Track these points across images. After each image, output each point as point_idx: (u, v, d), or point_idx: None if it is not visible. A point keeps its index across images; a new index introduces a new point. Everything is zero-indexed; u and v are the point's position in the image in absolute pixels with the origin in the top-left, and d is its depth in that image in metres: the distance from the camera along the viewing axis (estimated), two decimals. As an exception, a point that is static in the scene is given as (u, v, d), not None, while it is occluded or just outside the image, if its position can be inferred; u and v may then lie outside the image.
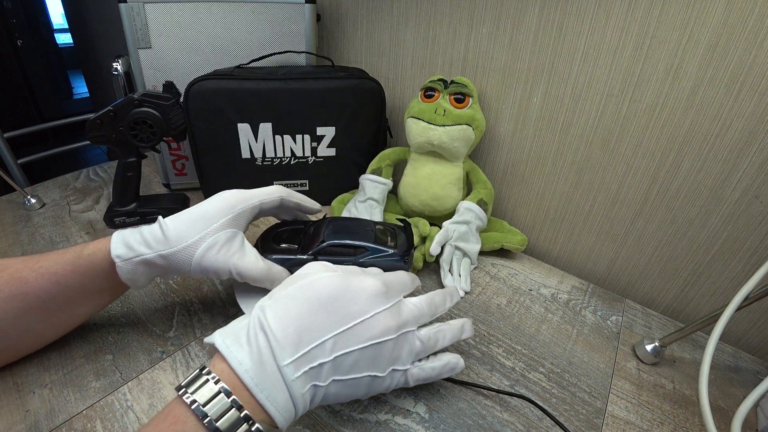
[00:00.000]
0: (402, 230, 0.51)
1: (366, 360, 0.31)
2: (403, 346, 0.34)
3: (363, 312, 0.32)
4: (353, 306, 0.31)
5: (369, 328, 0.31)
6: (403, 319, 0.34)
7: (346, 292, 0.32)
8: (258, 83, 0.61)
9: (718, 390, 0.46)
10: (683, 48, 0.47)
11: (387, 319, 0.32)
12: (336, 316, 0.30)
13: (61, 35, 2.66)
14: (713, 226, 0.52)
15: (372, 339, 0.31)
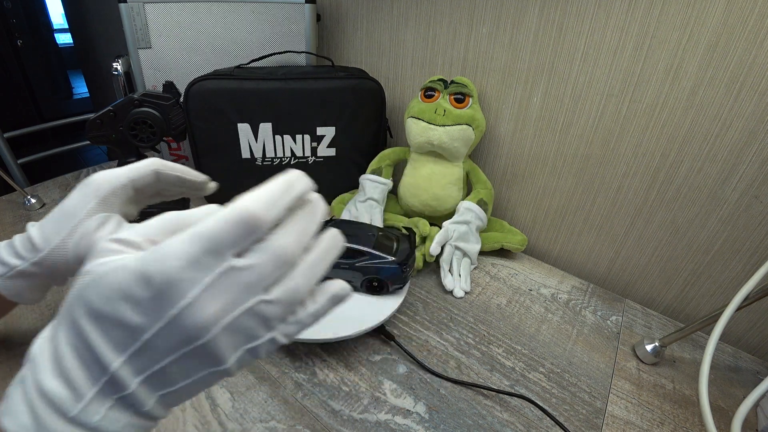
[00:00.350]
0: (406, 238, 0.51)
1: (195, 361, 0.21)
2: (246, 326, 0.21)
3: (171, 302, 0.20)
4: (160, 299, 0.20)
5: (186, 326, 0.20)
6: (236, 294, 0.20)
7: (141, 281, 0.19)
8: (258, 83, 0.61)
9: (718, 390, 0.46)
10: (683, 48, 0.47)
11: (211, 302, 0.20)
12: (135, 320, 0.20)
13: (61, 35, 2.66)
14: (713, 226, 0.52)
15: (192, 340, 0.20)
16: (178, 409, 0.38)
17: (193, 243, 0.20)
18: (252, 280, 0.20)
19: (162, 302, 0.19)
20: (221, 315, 0.20)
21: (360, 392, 0.41)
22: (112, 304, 0.20)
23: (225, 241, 0.20)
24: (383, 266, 0.46)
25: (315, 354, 0.45)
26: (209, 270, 0.20)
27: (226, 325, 0.20)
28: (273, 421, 0.37)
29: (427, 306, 0.53)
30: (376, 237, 0.49)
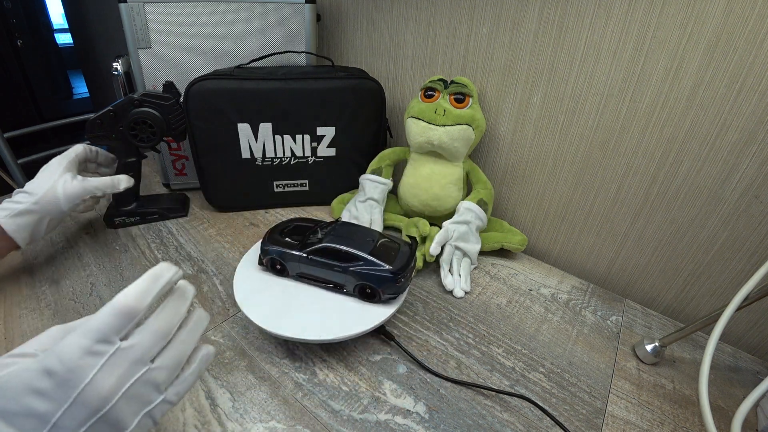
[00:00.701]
0: (407, 248, 0.49)
1: (102, 430, 0.24)
2: (141, 392, 0.26)
3: (74, 384, 0.23)
4: (64, 384, 0.23)
5: (89, 400, 0.24)
6: (126, 368, 0.25)
7: (44, 374, 0.23)
8: (258, 83, 0.61)
9: (718, 390, 0.46)
10: (683, 48, 0.47)
11: (108, 378, 0.24)
12: (42, 407, 0.23)
13: (61, 35, 2.65)
14: (713, 226, 0.52)
15: (97, 411, 0.24)
16: (178, 409, 0.38)
17: (85, 336, 0.24)
18: (138, 356, 0.26)
19: (66, 387, 0.23)
20: (118, 386, 0.25)
21: (360, 392, 0.41)
22: (19, 401, 0.23)
23: (110, 330, 0.25)
24: (377, 273, 0.45)
25: (315, 354, 0.45)
26: (102, 354, 0.24)
27: (123, 393, 0.25)
28: (273, 421, 0.38)
29: (427, 306, 0.53)
30: (375, 243, 0.48)
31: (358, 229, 0.51)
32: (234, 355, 0.44)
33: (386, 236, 0.51)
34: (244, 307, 0.44)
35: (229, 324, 0.48)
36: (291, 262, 0.48)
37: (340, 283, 0.47)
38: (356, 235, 0.49)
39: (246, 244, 0.62)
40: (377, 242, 0.48)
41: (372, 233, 0.50)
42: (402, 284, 0.46)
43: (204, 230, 0.66)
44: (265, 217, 0.70)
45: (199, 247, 0.61)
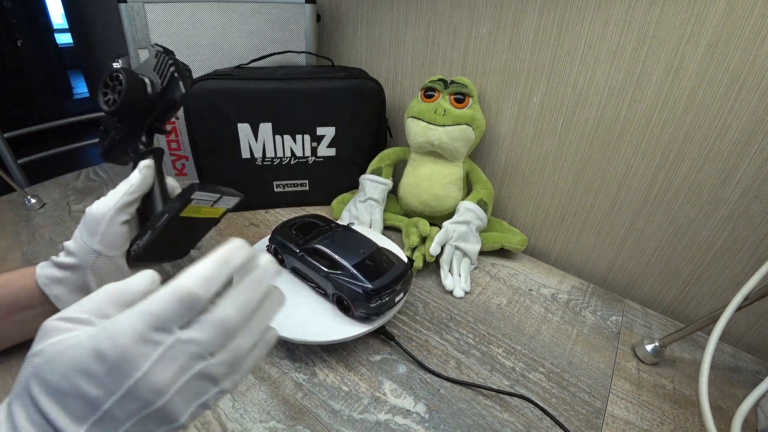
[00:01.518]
0: (401, 269, 0.46)
1: (151, 423, 0.22)
2: (196, 385, 0.24)
3: (127, 374, 0.21)
4: (116, 372, 0.21)
5: (142, 394, 0.22)
6: (184, 362, 0.23)
7: (96, 357, 0.21)
8: (258, 83, 0.61)
9: (718, 390, 0.46)
10: (683, 48, 0.47)
11: (163, 371, 0.22)
12: (93, 392, 0.21)
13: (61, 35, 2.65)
14: (713, 226, 0.52)
15: (149, 405, 0.22)
16: (178, 409, 0.38)
17: (142, 321, 0.22)
18: (197, 351, 0.23)
19: (118, 375, 0.21)
20: (173, 381, 0.22)
21: (360, 392, 0.41)
22: (70, 380, 0.21)
23: (169, 318, 0.22)
24: (352, 288, 0.43)
25: (315, 354, 0.45)
26: (158, 344, 0.22)
27: (178, 389, 0.22)
28: (273, 421, 0.38)
29: (427, 306, 0.53)
30: (366, 256, 0.46)
31: (357, 238, 0.49)
32: (234, 355, 0.44)
33: (386, 252, 0.48)
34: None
35: (229, 324, 0.48)
36: (288, 256, 0.49)
37: (322, 287, 0.47)
38: (352, 243, 0.48)
39: (246, 244, 0.62)
40: (369, 255, 0.46)
41: (369, 245, 0.48)
42: (378, 306, 0.43)
43: (204, 230, 0.66)
44: (265, 217, 0.70)
45: (199, 247, 0.61)
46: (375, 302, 0.43)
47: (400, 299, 0.46)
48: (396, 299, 0.45)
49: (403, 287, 0.46)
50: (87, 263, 0.38)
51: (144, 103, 0.43)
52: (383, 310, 0.44)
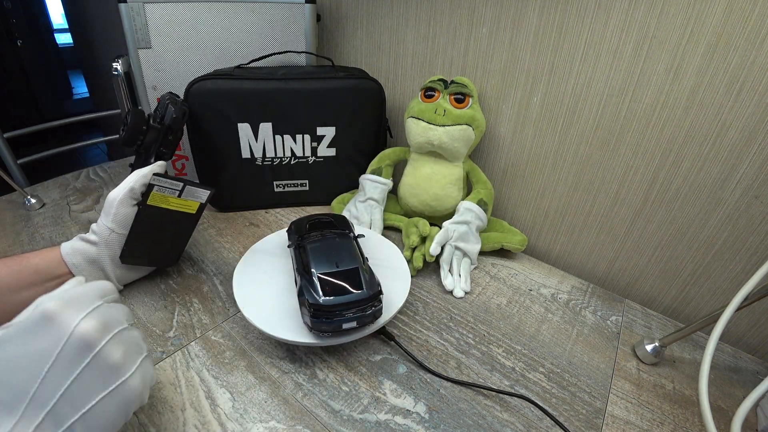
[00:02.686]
0: (365, 295, 0.41)
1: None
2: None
3: None
4: None
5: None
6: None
7: None
8: (258, 83, 0.61)
9: (718, 390, 0.46)
10: (683, 48, 0.47)
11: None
12: None
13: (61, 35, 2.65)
14: (713, 226, 0.52)
15: (83, 353, 0.29)
16: (178, 409, 0.38)
17: None
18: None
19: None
20: None
21: (360, 392, 0.41)
22: (20, 345, 0.28)
23: None
24: (305, 295, 0.41)
25: (315, 354, 0.45)
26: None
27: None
28: (273, 421, 0.38)
29: (427, 306, 0.53)
30: (339, 270, 0.43)
31: (347, 250, 0.46)
32: (234, 355, 0.44)
33: (368, 271, 0.44)
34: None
35: (229, 324, 0.48)
36: (288, 248, 0.51)
37: (297, 282, 0.46)
38: (338, 253, 0.45)
39: (246, 244, 0.62)
40: (343, 271, 0.43)
41: (352, 261, 0.44)
42: (319, 323, 0.40)
43: (204, 230, 0.66)
44: (265, 217, 0.70)
45: (199, 247, 0.61)
46: (318, 318, 0.40)
47: (350, 327, 0.41)
48: (344, 325, 0.40)
49: (358, 316, 0.40)
50: (102, 239, 0.47)
51: (148, 131, 0.53)
52: (325, 330, 0.40)
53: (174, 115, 0.54)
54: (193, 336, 0.46)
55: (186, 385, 0.40)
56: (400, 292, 0.48)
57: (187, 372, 0.42)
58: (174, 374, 0.41)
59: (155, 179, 0.46)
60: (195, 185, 0.49)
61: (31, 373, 0.27)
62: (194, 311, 0.49)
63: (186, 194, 0.49)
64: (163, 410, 0.38)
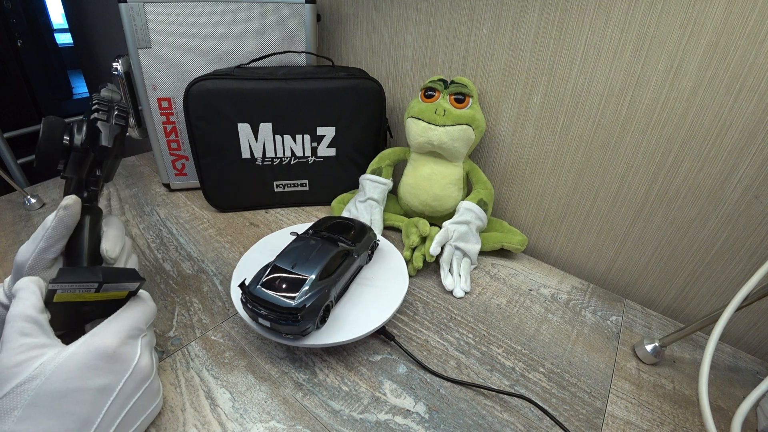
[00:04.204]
0: (289, 305, 0.39)
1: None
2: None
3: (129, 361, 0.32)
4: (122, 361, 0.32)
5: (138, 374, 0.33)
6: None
7: (97, 357, 0.30)
8: (258, 83, 0.61)
9: (718, 390, 0.46)
10: (683, 48, 0.47)
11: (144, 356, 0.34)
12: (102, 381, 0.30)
13: (61, 35, 2.65)
14: (713, 226, 0.52)
15: (141, 386, 0.33)
16: (178, 409, 0.38)
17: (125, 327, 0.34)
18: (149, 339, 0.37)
19: (122, 362, 0.32)
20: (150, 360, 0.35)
21: (360, 392, 0.41)
22: (77, 380, 0.29)
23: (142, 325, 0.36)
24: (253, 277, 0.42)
25: (315, 354, 0.45)
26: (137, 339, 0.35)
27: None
28: (273, 421, 0.38)
29: (427, 306, 0.53)
30: (287, 269, 0.42)
31: (316, 255, 0.44)
32: (234, 355, 0.44)
33: (318, 287, 0.42)
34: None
35: (229, 324, 0.48)
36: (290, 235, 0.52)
37: None
38: (304, 255, 0.44)
39: (246, 244, 0.62)
40: (293, 272, 0.42)
41: (310, 268, 0.42)
42: (244, 304, 0.40)
43: (204, 230, 0.66)
44: (265, 217, 0.70)
45: (199, 247, 0.61)
46: (245, 299, 0.41)
47: (265, 324, 0.40)
48: (259, 319, 0.40)
49: (272, 319, 0.39)
50: None
51: (71, 154, 0.37)
52: (248, 312, 0.41)
53: (104, 143, 0.36)
54: (193, 336, 0.46)
55: (186, 385, 0.40)
56: (399, 292, 0.48)
57: (187, 372, 0.42)
58: (174, 374, 0.41)
59: (55, 285, 0.31)
60: (119, 279, 0.34)
61: (96, 406, 0.29)
62: (194, 311, 0.49)
63: (106, 289, 0.33)
64: (163, 410, 0.38)
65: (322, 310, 0.41)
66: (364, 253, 0.51)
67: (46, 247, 0.35)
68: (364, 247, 0.50)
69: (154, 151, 0.73)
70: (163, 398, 0.37)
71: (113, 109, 0.38)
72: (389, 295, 0.48)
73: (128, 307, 0.35)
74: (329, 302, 0.43)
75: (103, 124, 0.37)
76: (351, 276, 0.48)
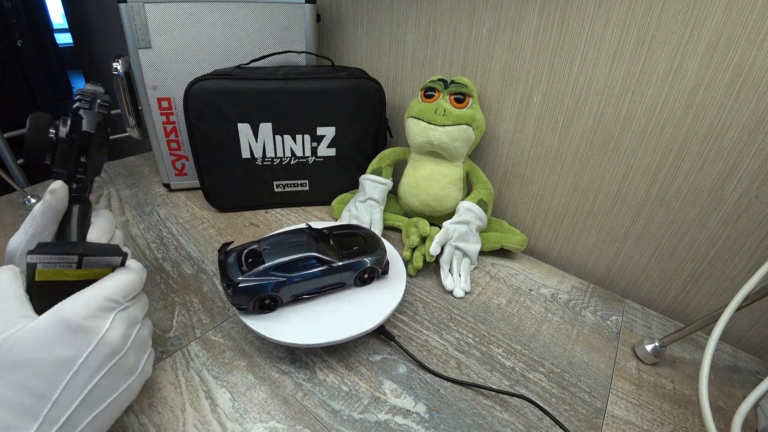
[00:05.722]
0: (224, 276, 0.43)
1: (111, 381, 0.30)
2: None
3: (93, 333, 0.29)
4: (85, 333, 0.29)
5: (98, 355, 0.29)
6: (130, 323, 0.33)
7: (61, 328, 0.28)
8: (258, 83, 0.61)
9: (718, 390, 0.46)
10: (683, 48, 0.47)
11: (116, 331, 0.31)
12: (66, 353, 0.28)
13: (61, 35, 2.66)
14: (713, 226, 0.52)
15: (107, 361, 0.30)
16: (178, 410, 0.38)
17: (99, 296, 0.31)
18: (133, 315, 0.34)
19: (86, 334, 0.29)
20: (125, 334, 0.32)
21: (360, 392, 0.41)
22: (38, 351, 0.27)
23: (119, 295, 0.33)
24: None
25: (315, 354, 0.45)
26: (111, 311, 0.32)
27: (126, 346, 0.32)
28: (273, 421, 0.38)
29: (427, 306, 0.53)
30: (253, 248, 0.46)
31: (294, 243, 0.46)
32: (234, 355, 0.44)
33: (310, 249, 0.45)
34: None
35: (229, 324, 0.48)
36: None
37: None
38: (284, 244, 0.46)
39: (246, 244, 0.62)
40: (258, 253, 0.45)
41: (279, 255, 0.44)
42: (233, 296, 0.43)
43: (204, 230, 0.66)
44: (265, 217, 0.70)
45: (199, 247, 0.61)
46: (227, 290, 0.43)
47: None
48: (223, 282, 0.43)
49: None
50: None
51: (57, 147, 0.37)
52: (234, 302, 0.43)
53: (86, 128, 0.37)
54: (193, 336, 0.46)
55: (186, 385, 0.40)
56: (397, 292, 0.48)
57: (187, 372, 0.42)
58: (174, 374, 0.41)
59: (33, 257, 0.31)
60: (98, 252, 0.33)
61: (54, 380, 0.27)
62: (194, 311, 0.49)
63: (88, 264, 0.33)
64: (163, 410, 0.38)
65: (261, 299, 0.43)
66: (350, 274, 0.47)
67: (36, 233, 0.34)
68: (350, 269, 0.47)
69: (154, 151, 0.73)
70: (142, 379, 0.33)
71: (95, 100, 0.38)
72: (387, 295, 0.48)
73: (107, 278, 0.33)
74: (275, 295, 0.43)
75: (85, 112, 0.37)
76: (324, 285, 0.46)
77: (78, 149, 0.38)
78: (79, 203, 0.38)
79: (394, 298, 0.47)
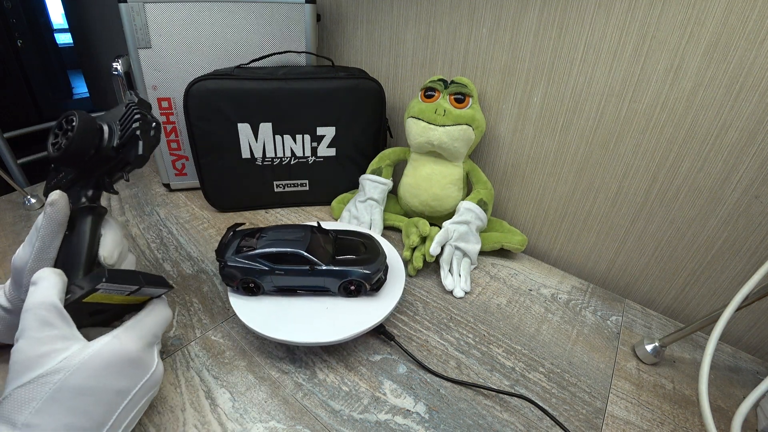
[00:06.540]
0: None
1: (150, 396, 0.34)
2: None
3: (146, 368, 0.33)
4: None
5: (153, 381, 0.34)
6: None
7: (123, 359, 0.31)
8: (258, 83, 0.61)
9: (718, 390, 0.46)
10: (683, 48, 0.47)
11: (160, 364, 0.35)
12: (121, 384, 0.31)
13: (61, 35, 2.65)
14: (713, 226, 0.52)
15: (149, 392, 0.34)
16: (178, 410, 0.38)
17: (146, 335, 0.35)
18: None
19: (141, 368, 0.32)
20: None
21: (360, 392, 0.41)
22: (101, 378, 0.29)
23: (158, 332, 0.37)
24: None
25: (315, 354, 0.45)
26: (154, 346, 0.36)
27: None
28: (273, 421, 0.38)
29: (427, 306, 0.53)
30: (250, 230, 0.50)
31: (289, 237, 0.47)
32: (234, 355, 0.44)
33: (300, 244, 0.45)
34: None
35: (229, 324, 0.48)
36: None
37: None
38: (283, 235, 0.47)
39: (246, 244, 0.62)
40: (257, 243, 0.46)
41: (271, 246, 0.45)
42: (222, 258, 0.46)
43: (204, 230, 0.66)
44: (265, 217, 0.70)
45: (199, 247, 0.61)
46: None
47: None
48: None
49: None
50: (18, 309, 0.33)
51: (95, 155, 0.36)
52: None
53: (140, 152, 0.36)
54: (193, 336, 0.46)
55: (186, 385, 0.40)
56: (396, 292, 0.48)
57: (187, 372, 0.42)
58: (174, 374, 0.41)
59: (105, 285, 0.31)
60: (153, 284, 0.35)
61: (111, 408, 0.29)
62: (194, 311, 0.49)
63: (140, 293, 0.35)
64: (163, 410, 0.38)
65: (245, 281, 0.46)
66: (334, 281, 0.46)
67: (42, 247, 0.34)
68: (335, 276, 0.46)
69: (154, 150, 0.73)
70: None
71: (151, 123, 0.38)
72: (386, 295, 0.48)
73: (150, 313, 0.36)
74: (257, 282, 0.46)
75: (144, 135, 0.37)
76: (306, 285, 0.46)
77: (119, 163, 0.37)
78: (92, 214, 0.37)
79: (394, 298, 0.47)
